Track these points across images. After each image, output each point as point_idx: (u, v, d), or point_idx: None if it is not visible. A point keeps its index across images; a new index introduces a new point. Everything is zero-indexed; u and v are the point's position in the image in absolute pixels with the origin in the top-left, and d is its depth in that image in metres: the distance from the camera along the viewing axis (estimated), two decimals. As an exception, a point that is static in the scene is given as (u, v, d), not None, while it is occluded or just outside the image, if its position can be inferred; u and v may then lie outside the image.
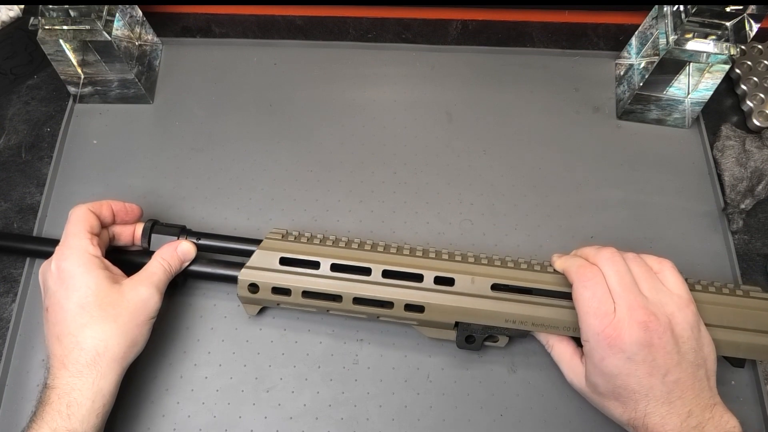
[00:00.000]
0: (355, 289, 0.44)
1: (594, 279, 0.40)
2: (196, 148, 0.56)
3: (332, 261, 0.44)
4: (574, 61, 0.61)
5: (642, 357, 0.38)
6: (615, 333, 0.38)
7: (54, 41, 0.51)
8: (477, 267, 0.44)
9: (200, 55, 0.61)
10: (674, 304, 0.39)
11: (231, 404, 0.46)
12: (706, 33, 0.51)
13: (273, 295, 0.44)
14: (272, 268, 0.44)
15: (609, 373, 0.39)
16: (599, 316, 0.39)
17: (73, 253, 0.41)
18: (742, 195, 0.53)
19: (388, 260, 0.44)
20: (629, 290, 0.39)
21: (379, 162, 0.56)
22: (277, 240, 0.46)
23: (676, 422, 0.37)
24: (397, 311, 0.44)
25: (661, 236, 0.53)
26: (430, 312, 0.44)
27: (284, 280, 0.44)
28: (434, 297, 0.44)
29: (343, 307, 0.44)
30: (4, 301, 0.50)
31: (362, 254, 0.45)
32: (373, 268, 0.44)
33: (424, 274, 0.44)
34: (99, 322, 0.40)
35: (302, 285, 0.44)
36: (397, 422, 0.46)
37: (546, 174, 0.55)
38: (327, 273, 0.44)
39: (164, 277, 0.44)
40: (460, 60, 0.61)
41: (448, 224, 0.53)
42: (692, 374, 0.38)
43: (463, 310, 0.43)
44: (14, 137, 0.57)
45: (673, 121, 0.58)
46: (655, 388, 0.38)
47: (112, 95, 0.57)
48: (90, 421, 0.38)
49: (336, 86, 0.60)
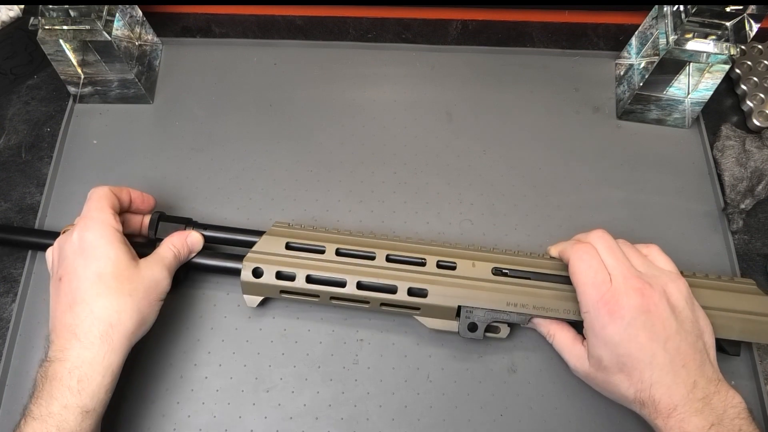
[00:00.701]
0: (359, 273, 0.45)
1: (588, 252, 0.42)
2: (196, 148, 0.56)
3: (337, 246, 0.45)
4: (574, 61, 0.61)
5: (641, 322, 0.38)
6: (613, 299, 0.39)
7: (54, 41, 0.51)
8: (478, 253, 0.46)
9: (200, 55, 0.61)
10: (666, 277, 0.41)
11: (231, 404, 0.46)
12: (706, 33, 0.51)
13: (277, 281, 0.45)
14: (278, 252, 0.45)
15: (611, 342, 0.39)
16: (596, 285, 0.40)
17: (96, 225, 0.42)
18: (742, 195, 0.53)
19: (392, 246, 0.46)
20: (622, 262, 0.41)
21: (379, 162, 0.56)
22: (283, 228, 0.47)
23: (682, 392, 0.37)
24: (401, 296, 0.44)
25: (661, 236, 0.53)
26: (433, 296, 0.44)
27: (289, 264, 0.45)
28: (437, 280, 0.45)
29: (347, 292, 0.45)
30: (4, 301, 0.50)
31: (366, 241, 0.46)
32: (377, 253, 0.45)
33: (427, 259, 0.45)
34: (115, 293, 0.40)
35: (307, 270, 0.45)
36: (397, 422, 0.46)
37: (546, 174, 0.56)
38: (332, 258, 0.45)
39: (174, 262, 0.45)
40: (460, 60, 0.61)
41: (448, 224, 0.53)
42: (692, 344, 0.39)
43: (466, 294, 0.44)
44: (14, 137, 0.57)
45: (673, 121, 0.58)
46: (658, 354, 0.38)
47: (112, 95, 0.57)
48: (99, 397, 0.38)
49: (336, 86, 0.60)
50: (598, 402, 0.46)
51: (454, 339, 0.48)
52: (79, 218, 0.43)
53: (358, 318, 0.49)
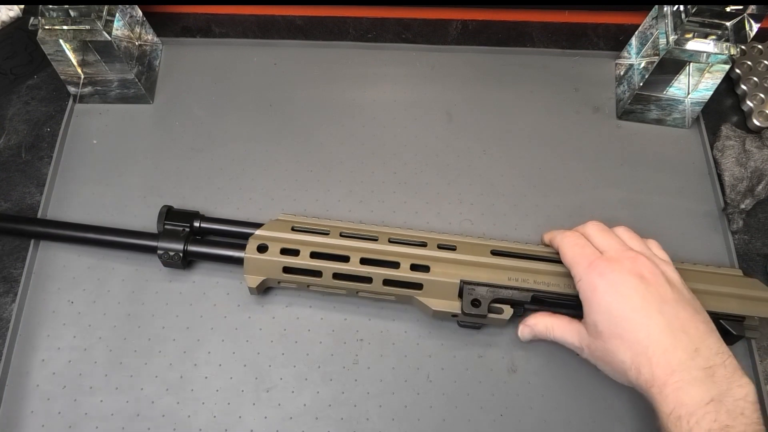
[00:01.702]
0: (363, 250, 0.46)
1: (576, 236, 0.43)
2: (196, 148, 0.56)
3: (341, 230, 0.47)
4: (574, 61, 0.61)
5: (634, 284, 0.38)
6: (603, 263, 0.40)
7: (54, 41, 0.51)
8: (476, 239, 0.48)
9: (200, 55, 0.61)
10: (662, 261, 0.42)
11: (231, 404, 0.46)
12: (706, 33, 0.51)
13: (281, 256, 0.45)
14: (283, 235, 0.47)
15: (605, 304, 0.38)
16: (586, 255, 0.41)
17: None
18: (742, 195, 0.53)
19: (394, 232, 0.48)
20: (615, 240, 0.42)
21: (379, 162, 0.56)
22: (289, 217, 0.48)
23: (681, 356, 0.35)
24: (404, 271, 0.45)
25: (661, 236, 0.52)
26: (436, 272, 0.45)
27: (294, 242, 0.46)
28: (439, 258, 0.46)
29: (350, 267, 0.45)
30: (4, 301, 0.50)
31: (370, 227, 0.48)
32: (379, 236, 0.47)
33: (428, 242, 0.47)
34: None
35: (311, 247, 0.46)
36: (397, 422, 0.46)
37: (546, 174, 0.56)
38: (336, 239, 0.47)
39: None
40: (460, 60, 0.61)
41: (448, 224, 0.53)
42: (692, 313, 0.37)
43: (467, 271, 0.45)
44: (14, 137, 0.57)
45: (673, 121, 0.58)
46: (653, 316, 0.36)
47: (112, 95, 0.57)
48: None
49: (336, 86, 0.60)
50: (599, 402, 0.46)
51: (455, 339, 0.48)
52: None
53: (358, 318, 0.49)
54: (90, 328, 0.48)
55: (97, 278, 0.50)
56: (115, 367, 0.47)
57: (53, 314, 0.48)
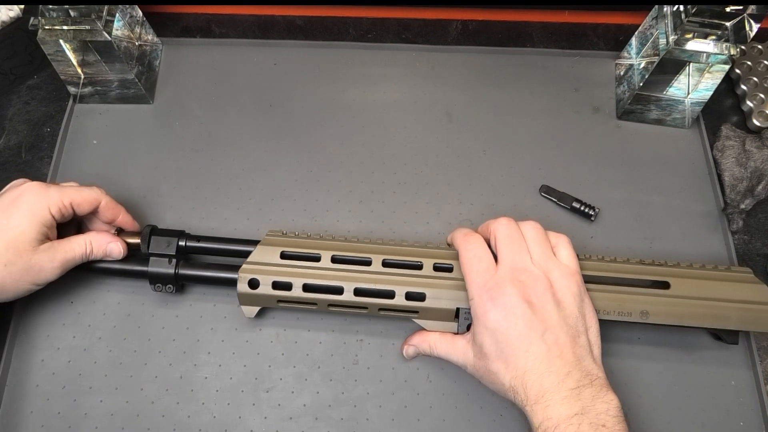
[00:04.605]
0: (356, 280, 0.44)
1: (475, 243, 0.43)
2: (196, 148, 0.56)
3: (333, 253, 0.45)
4: (574, 61, 0.61)
5: (521, 311, 0.39)
6: (496, 286, 0.40)
7: (54, 41, 0.51)
8: None
9: (200, 55, 0.61)
10: (559, 272, 0.41)
11: (231, 404, 0.46)
12: (706, 33, 0.51)
13: (274, 291, 0.44)
14: (273, 262, 0.45)
15: (492, 328, 0.40)
16: (480, 272, 0.41)
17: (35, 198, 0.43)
18: (742, 195, 0.53)
19: (388, 251, 0.45)
20: (515, 252, 0.42)
21: (379, 162, 0.56)
22: (277, 236, 0.46)
23: (553, 380, 0.38)
24: (399, 300, 0.44)
25: (661, 236, 0.53)
26: (431, 299, 0.44)
27: (285, 273, 0.44)
28: (434, 283, 0.44)
29: (345, 299, 0.44)
30: (4, 301, 0.50)
31: (362, 246, 0.46)
32: (373, 258, 0.45)
33: (423, 263, 0.45)
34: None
35: (303, 278, 0.44)
36: (397, 422, 0.46)
37: (546, 174, 0.55)
38: (328, 265, 0.45)
39: (78, 260, 0.45)
40: (460, 60, 0.61)
41: (448, 224, 0.53)
42: (572, 338, 0.39)
43: (464, 296, 0.43)
44: (14, 137, 0.57)
45: (673, 121, 0.58)
46: (534, 343, 0.39)
47: (112, 95, 0.57)
48: None
49: (336, 86, 0.60)
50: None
51: (454, 339, 0.48)
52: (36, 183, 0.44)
53: (358, 318, 0.49)
54: (90, 328, 0.48)
55: (97, 278, 0.50)
56: (114, 367, 0.47)
57: (53, 314, 0.48)
